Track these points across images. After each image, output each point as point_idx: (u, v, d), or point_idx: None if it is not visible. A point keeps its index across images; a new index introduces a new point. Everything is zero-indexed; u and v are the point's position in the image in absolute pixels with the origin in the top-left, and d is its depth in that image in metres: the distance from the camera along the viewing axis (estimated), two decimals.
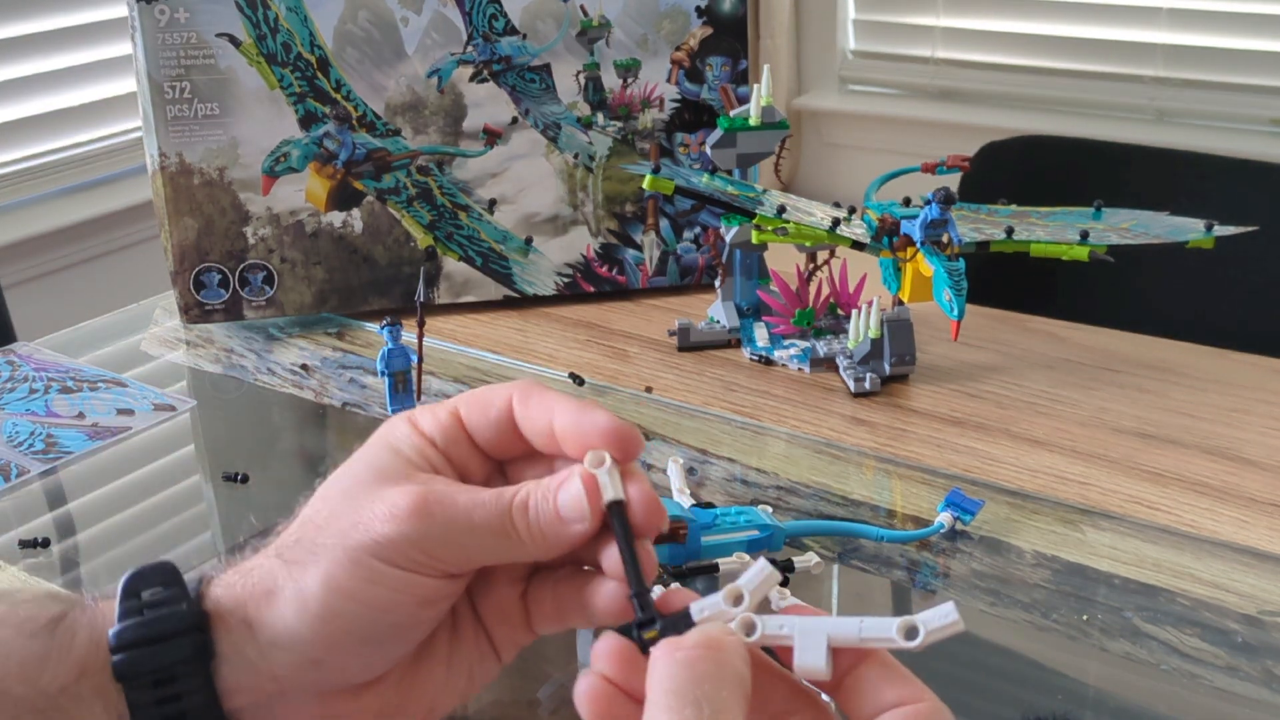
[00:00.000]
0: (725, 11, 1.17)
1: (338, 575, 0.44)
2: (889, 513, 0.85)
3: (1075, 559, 0.78)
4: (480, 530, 0.45)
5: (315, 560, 0.45)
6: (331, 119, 1.12)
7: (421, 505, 0.45)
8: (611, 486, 0.44)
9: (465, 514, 0.45)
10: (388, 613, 0.45)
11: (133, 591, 0.46)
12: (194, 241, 1.12)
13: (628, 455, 0.45)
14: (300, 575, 0.45)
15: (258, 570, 0.46)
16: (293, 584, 0.45)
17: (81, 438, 0.96)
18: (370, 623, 0.45)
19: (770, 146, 1.04)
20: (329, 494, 0.47)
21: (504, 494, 0.46)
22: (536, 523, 0.45)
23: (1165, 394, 0.99)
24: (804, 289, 1.07)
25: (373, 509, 0.45)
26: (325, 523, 0.46)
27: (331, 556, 0.45)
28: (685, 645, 0.39)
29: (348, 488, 0.47)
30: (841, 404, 0.98)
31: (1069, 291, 1.30)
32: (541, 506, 0.45)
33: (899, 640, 0.38)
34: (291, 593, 0.45)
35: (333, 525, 0.46)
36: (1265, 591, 0.75)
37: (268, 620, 0.45)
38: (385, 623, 0.45)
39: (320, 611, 0.44)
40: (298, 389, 1.05)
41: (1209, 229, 0.97)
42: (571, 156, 1.17)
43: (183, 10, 1.08)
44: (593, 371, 1.04)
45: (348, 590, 0.44)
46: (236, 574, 0.47)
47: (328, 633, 0.45)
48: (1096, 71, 2.30)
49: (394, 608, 0.45)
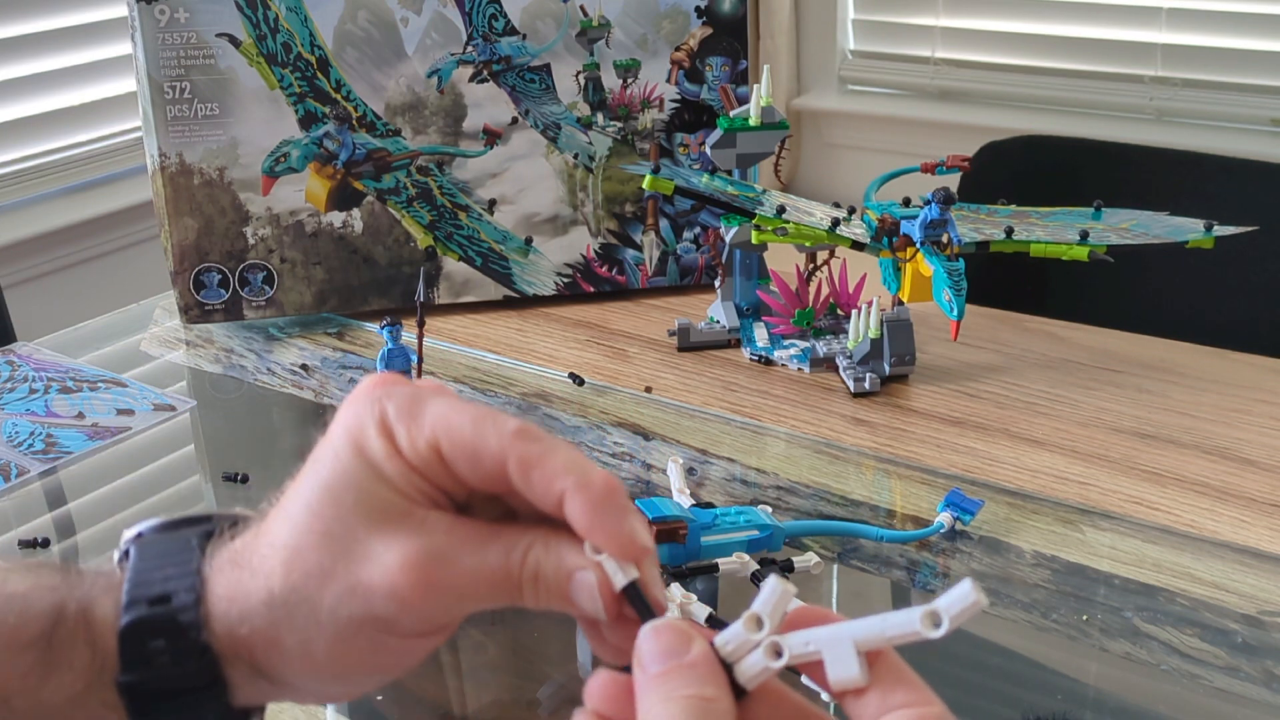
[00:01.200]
0: (725, 11, 1.17)
1: (341, 649, 0.43)
2: (889, 513, 0.85)
3: (1075, 559, 0.78)
4: (483, 598, 0.43)
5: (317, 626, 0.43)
6: (331, 119, 1.12)
7: (421, 580, 0.41)
8: (621, 571, 0.42)
9: (468, 583, 0.42)
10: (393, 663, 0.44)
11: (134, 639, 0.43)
12: (194, 241, 1.12)
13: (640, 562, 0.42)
14: (303, 637, 0.43)
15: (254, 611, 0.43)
16: (297, 644, 0.43)
17: (81, 438, 0.96)
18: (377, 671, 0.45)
19: (770, 146, 1.04)
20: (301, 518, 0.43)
21: (512, 558, 0.42)
22: (544, 598, 0.43)
23: (1165, 394, 0.99)
24: (804, 289, 1.07)
25: (368, 571, 0.42)
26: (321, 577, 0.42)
27: (334, 628, 0.42)
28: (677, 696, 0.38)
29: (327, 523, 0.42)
30: (841, 404, 0.98)
31: (1068, 291, 1.30)
32: (552, 584, 0.42)
33: (925, 631, 0.37)
34: (296, 654, 0.43)
35: (329, 587, 0.42)
36: (1265, 591, 0.75)
37: (272, 669, 0.44)
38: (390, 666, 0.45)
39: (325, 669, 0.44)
40: (298, 389, 1.05)
41: (1209, 229, 0.97)
42: (571, 156, 1.17)
43: (183, 10, 1.08)
44: (593, 371, 1.04)
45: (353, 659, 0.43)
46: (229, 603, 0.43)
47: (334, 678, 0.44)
48: (1096, 71, 2.30)
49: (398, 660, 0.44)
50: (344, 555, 0.42)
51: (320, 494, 0.43)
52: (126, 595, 0.44)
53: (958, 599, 0.36)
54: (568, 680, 0.70)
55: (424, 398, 0.43)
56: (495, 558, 0.42)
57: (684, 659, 0.39)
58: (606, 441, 0.93)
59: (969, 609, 0.36)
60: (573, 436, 0.95)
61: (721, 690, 0.39)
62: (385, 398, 0.43)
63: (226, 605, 0.43)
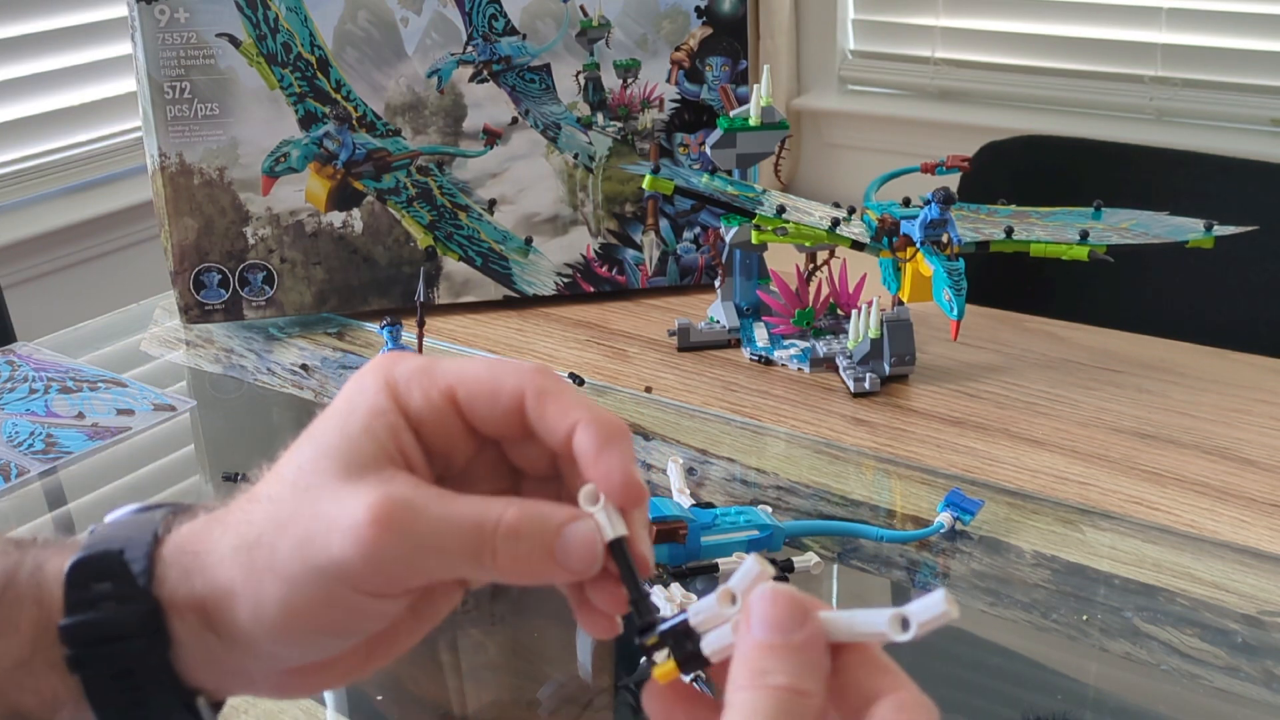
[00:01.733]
0: (725, 11, 1.17)
1: (294, 599, 0.41)
2: (889, 513, 0.85)
3: (1075, 559, 0.78)
4: (451, 553, 0.41)
5: (272, 572, 0.41)
6: (331, 119, 1.12)
7: (386, 519, 0.40)
8: (610, 525, 0.41)
9: (434, 534, 0.40)
10: (346, 623, 0.42)
11: (79, 582, 0.43)
12: (194, 241, 1.12)
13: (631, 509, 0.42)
14: (257, 586, 0.41)
15: (216, 563, 0.42)
16: (250, 592, 0.42)
17: (81, 438, 0.96)
18: (328, 630, 0.42)
19: (770, 146, 1.04)
20: (289, 475, 0.43)
21: (486, 514, 0.41)
22: (523, 557, 0.41)
23: (1165, 394, 0.99)
24: (804, 289, 1.07)
25: (332, 518, 0.41)
26: (285, 525, 0.42)
27: (289, 572, 0.41)
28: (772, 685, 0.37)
29: (308, 476, 0.42)
30: (841, 404, 0.98)
31: (1068, 291, 1.30)
32: (534, 540, 0.41)
33: (891, 634, 0.37)
34: (248, 601, 0.42)
35: (291, 530, 0.41)
36: (1265, 591, 0.75)
37: (224, 620, 0.42)
38: (344, 627, 0.43)
39: (276, 623, 0.42)
40: (298, 389, 1.05)
41: (1209, 229, 0.97)
42: (571, 156, 1.17)
43: (183, 10, 1.08)
44: (593, 371, 1.04)
45: (305, 612, 0.41)
46: (190, 554, 0.43)
47: (285, 636, 0.42)
48: (1096, 71, 2.30)
49: (351, 620, 0.42)
50: (310, 500, 0.42)
51: (310, 451, 0.43)
52: (81, 550, 0.44)
53: (929, 607, 0.37)
54: (568, 680, 0.70)
55: (437, 358, 0.44)
56: (468, 510, 0.41)
57: (792, 637, 0.37)
58: None
59: (938, 618, 0.37)
60: None
61: (819, 683, 0.37)
62: (394, 363, 0.44)
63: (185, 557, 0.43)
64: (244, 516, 0.43)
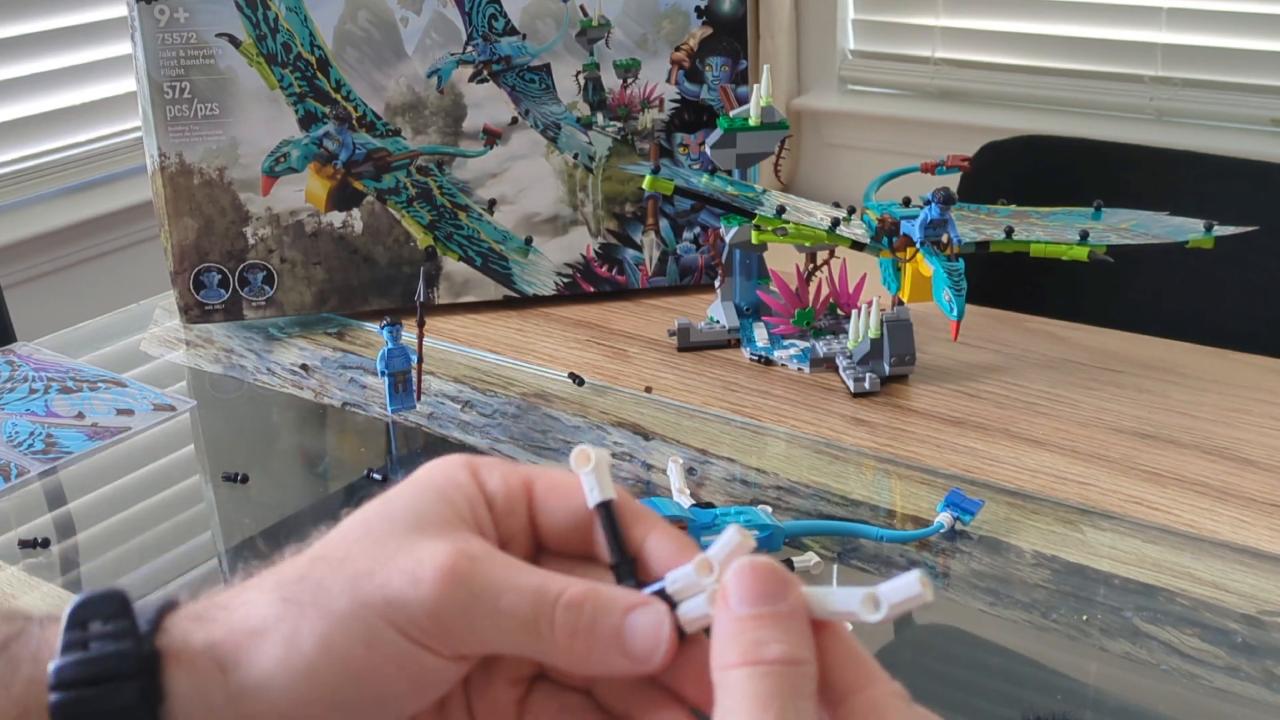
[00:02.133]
0: (725, 11, 1.17)
1: (335, 636, 0.39)
2: (889, 513, 0.85)
3: (1075, 559, 0.78)
4: (506, 615, 0.39)
5: (316, 607, 0.39)
6: (331, 119, 1.12)
7: (451, 569, 0.39)
8: (599, 487, 0.41)
9: (495, 591, 0.39)
10: (378, 686, 0.39)
11: (79, 622, 0.40)
12: (194, 241, 1.12)
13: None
14: (296, 620, 0.39)
15: (246, 605, 0.40)
16: (286, 627, 0.39)
17: (81, 438, 0.96)
18: (355, 694, 0.39)
19: (770, 146, 1.04)
20: (353, 532, 0.41)
21: (549, 583, 0.39)
22: (585, 634, 0.39)
23: (1165, 394, 0.99)
24: (804, 289, 1.07)
25: (396, 561, 0.39)
26: (339, 564, 0.40)
27: (334, 607, 0.39)
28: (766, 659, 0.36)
29: (377, 530, 0.41)
30: (841, 404, 0.98)
31: (1068, 291, 1.30)
32: (600, 620, 0.39)
33: (862, 614, 0.37)
34: (281, 637, 0.39)
35: (346, 568, 0.40)
36: (1265, 591, 0.75)
37: (245, 662, 0.39)
38: (371, 695, 0.39)
39: (305, 669, 0.39)
40: (298, 389, 1.05)
41: (1209, 229, 0.97)
42: (571, 156, 1.17)
43: (183, 10, 1.08)
44: (593, 371, 1.04)
45: (342, 653, 0.39)
46: (216, 607, 0.41)
47: (306, 692, 0.39)
48: (1096, 71, 2.30)
49: (386, 682, 0.39)
50: (376, 548, 0.40)
51: (375, 506, 0.42)
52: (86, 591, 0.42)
53: (901, 588, 0.36)
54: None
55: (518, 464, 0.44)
56: (532, 578, 0.40)
57: (778, 606, 0.37)
58: (606, 441, 0.93)
59: (911, 600, 0.36)
60: (572, 437, 0.95)
61: (811, 651, 0.36)
62: (477, 460, 0.43)
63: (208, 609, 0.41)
64: (289, 564, 0.41)
